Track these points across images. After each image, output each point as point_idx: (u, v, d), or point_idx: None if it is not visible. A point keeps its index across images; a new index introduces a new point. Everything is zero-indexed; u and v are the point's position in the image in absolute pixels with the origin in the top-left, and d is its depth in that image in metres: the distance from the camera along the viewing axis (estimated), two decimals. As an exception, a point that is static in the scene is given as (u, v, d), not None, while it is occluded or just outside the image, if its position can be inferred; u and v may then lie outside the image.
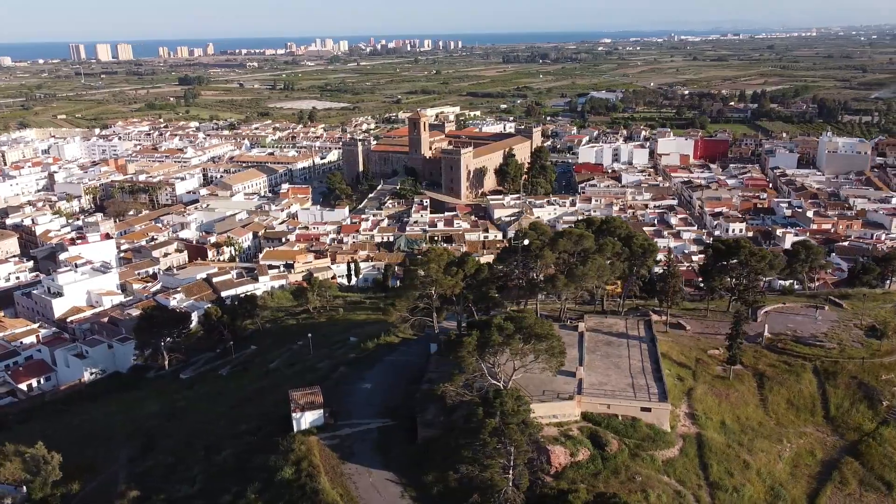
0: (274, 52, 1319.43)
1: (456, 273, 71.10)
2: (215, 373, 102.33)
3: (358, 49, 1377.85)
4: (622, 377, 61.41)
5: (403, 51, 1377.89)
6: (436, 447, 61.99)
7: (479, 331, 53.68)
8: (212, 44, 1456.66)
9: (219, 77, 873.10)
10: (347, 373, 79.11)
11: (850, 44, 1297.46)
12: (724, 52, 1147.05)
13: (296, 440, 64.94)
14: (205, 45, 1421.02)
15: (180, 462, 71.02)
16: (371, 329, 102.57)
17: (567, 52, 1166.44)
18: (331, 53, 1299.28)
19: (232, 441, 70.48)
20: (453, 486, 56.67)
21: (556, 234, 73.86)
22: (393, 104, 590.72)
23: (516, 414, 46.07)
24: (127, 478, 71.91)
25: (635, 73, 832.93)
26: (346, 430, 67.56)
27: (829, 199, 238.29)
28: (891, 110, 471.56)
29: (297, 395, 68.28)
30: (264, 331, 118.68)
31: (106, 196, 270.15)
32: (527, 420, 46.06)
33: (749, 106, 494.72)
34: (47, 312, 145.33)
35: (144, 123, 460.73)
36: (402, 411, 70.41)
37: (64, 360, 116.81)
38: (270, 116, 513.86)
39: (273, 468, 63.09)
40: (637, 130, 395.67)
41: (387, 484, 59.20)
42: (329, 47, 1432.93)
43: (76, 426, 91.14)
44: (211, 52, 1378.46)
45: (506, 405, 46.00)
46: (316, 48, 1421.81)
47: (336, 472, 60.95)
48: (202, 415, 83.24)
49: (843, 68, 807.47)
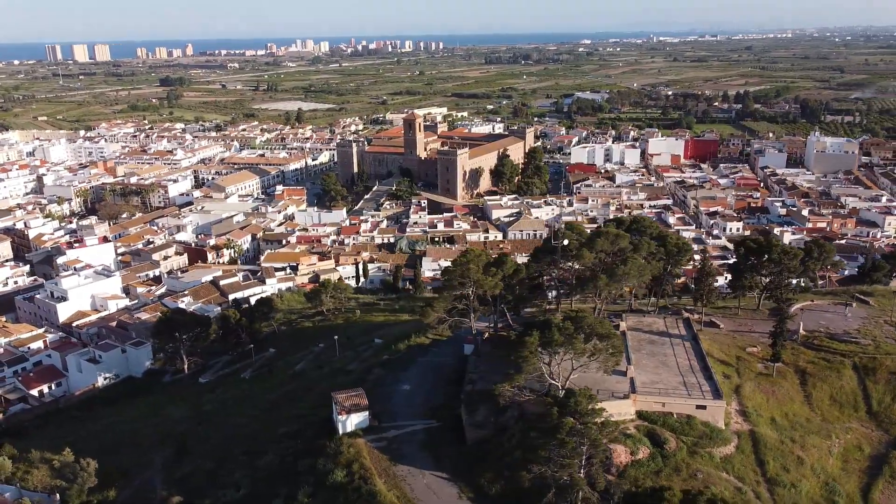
0: (254, 53, 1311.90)
1: (495, 273, 71.15)
2: (237, 376, 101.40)
3: (339, 50, 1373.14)
4: (672, 375, 61.87)
5: (385, 52, 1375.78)
6: (487, 448, 62.03)
7: (538, 331, 53.75)
8: (191, 45, 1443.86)
9: (200, 78, 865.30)
10: (383, 374, 78.81)
11: (825, 44, 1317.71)
12: (703, 53, 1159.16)
13: (343, 443, 64.57)
14: (183, 46, 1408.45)
15: (220, 467, 70.33)
16: (395, 330, 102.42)
17: (548, 53, 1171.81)
18: (312, 54, 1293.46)
19: (273, 445, 69.91)
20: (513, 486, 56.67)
21: (593, 234, 74.17)
22: (379, 105, 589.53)
23: (594, 413, 46.21)
24: (166, 483, 71.10)
25: (617, 73, 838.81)
26: (391, 432, 67.31)
27: (821, 198, 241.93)
28: (871, 110, 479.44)
29: (341, 397, 67.89)
30: (279, 333, 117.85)
31: (97, 199, 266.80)
32: (605, 420, 46.22)
33: (733, 106, 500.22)
34: (51, 317, 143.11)
35: (129, 125, 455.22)
36: (446, 412, 70.33)
37: (76, 365, 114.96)
38: (256, 118, 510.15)
39: (322, 471, 62.66)
40: (625, 131, 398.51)
41: (442, 485, 59.07)
42: (310, 48, 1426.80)
43: (99, 432, 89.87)
44: (190, 52, 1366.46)
45: (580, 405, 46.13)
46: (297, 49, 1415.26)
47: (389, 475, 60.69)
48: (233, 419, 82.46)
49: (820, 69, 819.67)
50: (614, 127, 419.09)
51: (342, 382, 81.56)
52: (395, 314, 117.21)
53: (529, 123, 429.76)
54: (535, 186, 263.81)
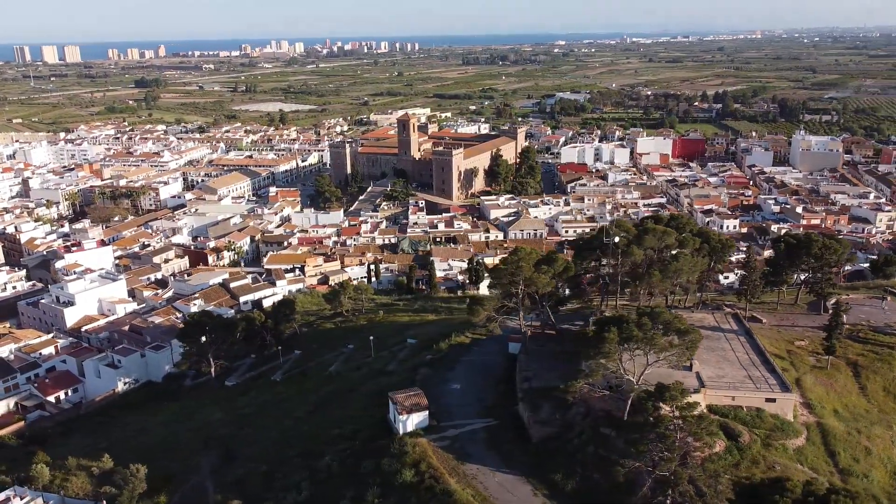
0: (228, 55, 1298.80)
1: (546, 271, 71.36)
2: (267, 379, 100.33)
3: (314, 51, 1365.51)
4: (736, 369, 62.60)
5: (360, 52, 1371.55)
6: (554, 445, 62.14)
7: (615, 327, 54.01)
8: (163, 45, 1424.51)
9: (175, 79, 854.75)
10: (431, 374, 78.55)
11: (794, 45, 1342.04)
12: (677, 53, 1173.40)
13: (407, 443, 64.23)
14: (156, 47, 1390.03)
15: (276, 469, 69.52)
16: (426, 330, 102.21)
17: (525, 54, 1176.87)
18: (287, 55, 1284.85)
19: (329, 446, 69.25)
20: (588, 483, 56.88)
21: (641, 231, 74.69)
22: (361, 106, 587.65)
23: (691, 407, 46.57)
24: (219, 487, 70.11)
25: (595, 74, 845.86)
26: (451, 431, 67.13)
27: (811, 196, 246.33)
28: (846, 109, 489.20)
29: (400, 397, 67.58)
30: (301, 335, 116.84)
31: (85, 202, 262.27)
32: (703, 413, 46.56)
33: (713, 106, 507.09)
34: (58, 322, 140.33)
35: (109, 127, 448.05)
36: (501, 411, 70.39)
37: (94, 370, 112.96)
38: (238, 119, 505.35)
39: (388, 471, 62.30)
40: (611, 131, 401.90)
41: (514, 483, 59.03)
42: (285, 49, 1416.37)
43: (132, 437, 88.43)
44: (163, 53, 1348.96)
45: (676, 398, 46.45)
46: (272, 50, 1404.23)
47: (458, 473, 60.51)
48: (276, 421, 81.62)
49: (793, 69, 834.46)
50: (599, 127, 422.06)
51: (387, 383, 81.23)
52: (418, 314, 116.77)
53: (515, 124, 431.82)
54: (529, 186, 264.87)
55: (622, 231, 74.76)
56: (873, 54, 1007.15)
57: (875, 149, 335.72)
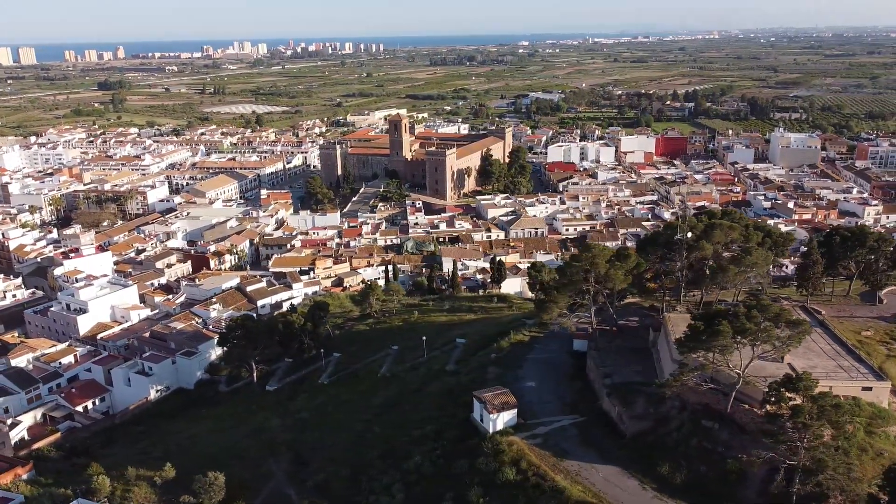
0: (190, 56, 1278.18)
1: (620, 267, 71.92)
2: (311, 382, 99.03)
3: (278, 52, 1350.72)
4: (825, 360, 63.84)
5: (325, 53, 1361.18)
6: (651, 439, 62.65)
7: (726, 321, 54.70)
8: (122, 47, 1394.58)
9: (139, 81, 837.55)
10: (500, 373, 78.42)
11: (751, 45, 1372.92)
12: (640, 53, 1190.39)
13: (501, 441, 64.09)
14: (114, 49, 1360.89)
15: (360, 472, 68.72)
16: (473, 329, 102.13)
17: (490, 54, 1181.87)
18: (251, 57, 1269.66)
19: (415, 447, 68.68)
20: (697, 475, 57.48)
21: (708, 226, 75.71)
22: (335, 107, 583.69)
23: (825, 396, 47.39)
24: (301, 492, 69.12)
25: (563, 74, 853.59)
26: (540, 429, 67.19)
27: (796, 191, 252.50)
28: (813, 107, 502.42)
29: (488, 396, 67.41)
30: (334, 337, 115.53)
31: (69, 207, 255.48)
32: (838, 402, 47.45)
33: (685, 105, 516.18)
34: (71, 330, 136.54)
35: (79, 130, 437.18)
36: (585, 406, 70.74)
37: (123, 378, 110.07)
38: (211, 121, 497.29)
39: (486, 470, 62.09)
40: (590, 130, 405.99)
41: (619, 478, 59.33)
42: (248, 50, 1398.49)
43: (185, 446, 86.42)
44: (122, 55, 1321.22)
45: (810, 388, 47.24)
46: (235, 51, 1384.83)
47: (561, 470, 60.60)
48: (342, 425, 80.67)
49: (754, 68, 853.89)
50: (578, 126, 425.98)
51: (455, 383, 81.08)
52: (453, 314, 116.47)
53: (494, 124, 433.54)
54: (521, 185, 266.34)
55: (691, 227, 75.66)
56: (828, 54, 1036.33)
57: (848, 145, 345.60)
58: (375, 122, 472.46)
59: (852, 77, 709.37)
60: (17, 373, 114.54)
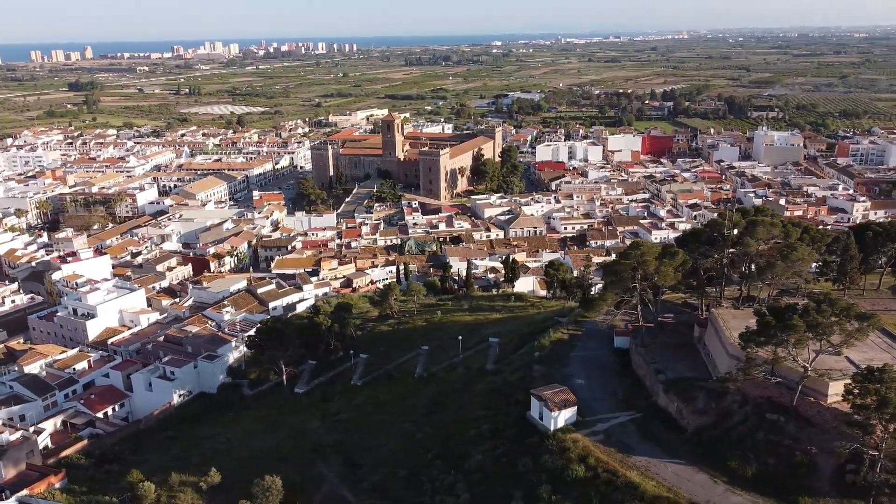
0: (161, 56, 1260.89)
1: (668, 264, 72.75)
2: (343, 384, 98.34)
3: (251, 52, 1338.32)
4: (879, 352, 65.01)
5: (298, 54, 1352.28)
6: (714, 433, 63.32)
7: (798, 315, 55.64)
8: (89, 47, 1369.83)
9: (111, 82, 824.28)
10: (547, 371, 78.58)
11: (721, 45, 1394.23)
12: (613, 53, 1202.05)
13: (566, 439, 64.38)
14: (82, 49, 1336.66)
15: (418, 473, 68.43)
16: (503, 329, 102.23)
17: (465, 54, 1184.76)
18: (223, 57, 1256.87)
19: (474, 447, 68.63)
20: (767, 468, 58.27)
21: (749, 222, 76.91)
22: (314, 107, 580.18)
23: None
24: (358, 494, 68.67)
25: (539, 74, 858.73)
26: (600, 426, 67.60)
27: (783, 188, 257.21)
28: (788, 106, 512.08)
29: (548, 394, 67.67)
30: (357, 338, 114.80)
31: (57, 210, 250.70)
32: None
33: (664, 104, 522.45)
34: (79, 336, 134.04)
35: (56, 132, 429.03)
36: (639, 402, 71.32)
37: (144, 383, 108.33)
38: (191, 122, 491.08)
39: (552, 468, 62.24)
40: (574, 129, 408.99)
41: (689, 473, 59.83)
42: (219, 50, 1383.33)
43: (223, 450, 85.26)
44: (90, 55, 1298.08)
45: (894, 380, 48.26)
46: (206, 51, 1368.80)
47: (630, 466, 61.03)
48: (387, 426, 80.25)
49: (726, 68, 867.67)
50: (561, 125, 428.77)
51: (501, 382, 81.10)
52: (476, 314, 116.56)
53: (478, 124, 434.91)
54: (514, 185, 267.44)
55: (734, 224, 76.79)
56: (797, 54, 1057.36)
57: (827, 143, 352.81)
58: (358, 122, 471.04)
59: (822, 76, 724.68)
60: (32, 380, 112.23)
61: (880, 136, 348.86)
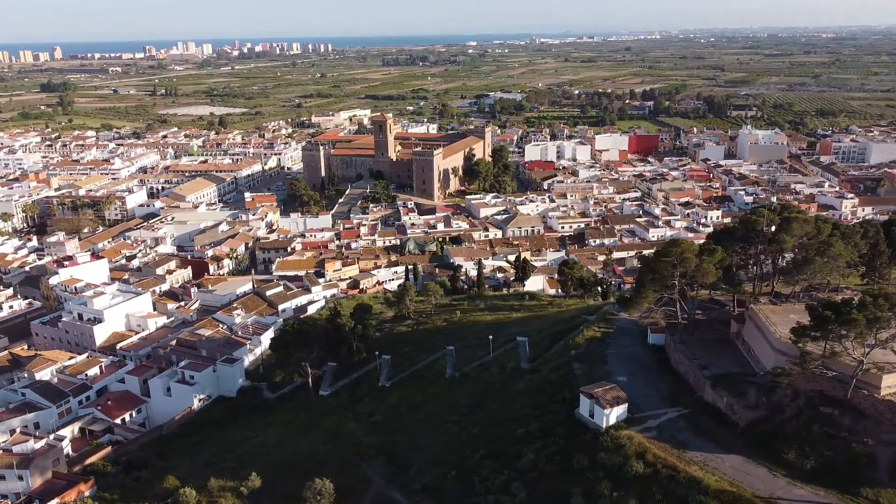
0: (132, 57, 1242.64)
1: (709, 262, 73.52)
2: (370, 385, 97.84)
3: (224, 52, 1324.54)
4: (922, 345, 66.75)
5: (273, 54, 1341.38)
6: (767, 427, 64.10)
7: (855, 310, 56.62)
8: (58, 47, 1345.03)
9: (83, 83, 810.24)
10: (588, 369, 78.94)
11: (693, 45, 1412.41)
12: (588, 53, 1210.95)
13: (621, 436, 64.68)
14: (51, 49, 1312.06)
15: (470, 473, 68.28)
16: (530, 328, 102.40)
17: (441, 54, 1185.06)
18: (196, 57, 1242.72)
19: (525, 446, 68.63)
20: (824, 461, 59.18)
21: (784, 219, 78.03)
22: (294, 108, 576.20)
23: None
24: (409, 496, 68.24)
25: (517, 74, 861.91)
26: (650, 422, 68.01)
27: (770, 186, 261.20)
28: (766, 105, 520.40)
29: (599, 391, 67.98)
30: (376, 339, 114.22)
31: (44, 213, 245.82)
32: None
33: (644, 104, 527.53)
34: (86, 341, 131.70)
35: (33, 134, 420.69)
36: (683, 398, 71.96)
37: (162, 388, 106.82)
38: (170, 123, 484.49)
39: (611, 465, 62.46)
40: (559, 129, 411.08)
41: (746, 467, 60.41)
42: (192, 51, 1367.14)
43: (257, 454, 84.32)
44: (59, 56, 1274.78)
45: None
46: (179, 52, 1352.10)
47: (687, 461, 61.51)
48: (428, 426, 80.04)
49: (701, 67, 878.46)
50: (547, 126, 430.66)
51: (541, 380, 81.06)
52: (496, 313, 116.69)
53: (462, 124, 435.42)
54: (506, 184, 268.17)
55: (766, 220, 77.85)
56: (768, 53, 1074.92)
57: (809, 142, 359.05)
58: (342, 122, 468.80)
59: (795, 76, 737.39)
60: (44, 387, 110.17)
61: (859, 134, 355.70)
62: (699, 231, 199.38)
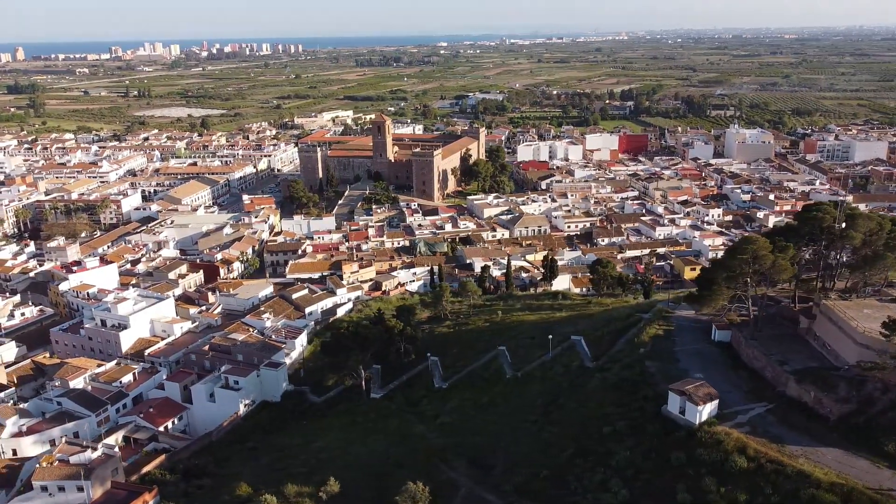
0: (98, 57, 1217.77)
1: (784, 258, 74.69)
2: (427, 387, 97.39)
3: (193, 53, 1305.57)
4: None
5: (242, 55, 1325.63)
6: (860, 420, 65.27)
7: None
8: (21, 48, 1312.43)
9: (52, 84, 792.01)
10: (662, 366, 79.41)
11: (661, 46, 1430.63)
12: (560, 54, 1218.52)
13: (718, 432, 65.28)
14: (13, 50, 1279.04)
15: (562, 472, 68.36)
16: (580, 327, 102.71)
17: (413, 55, 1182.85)
18: (165, 58, 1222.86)
19: (616, 444, 68.92)
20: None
21: (849, 216, 79.59)
22: (273, 109, 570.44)
23: None
24: (502, 497, 68.07)
25: (493, 74, 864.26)
26: (740, 417, 68.73)
27: (763, 184, 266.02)
28: (742, 105, 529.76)
29: (690, 388, 68.49)
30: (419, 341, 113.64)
31: (36, 218, 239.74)
32: None
33: (625, 104, 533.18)
34: (111, 347, 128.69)
35: (7, 137, 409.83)
36: (766, 393, 72.85)
37: (205, 394, 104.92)
38: (149, 126, 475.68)
39: (711, 461, 63.00)
40: (546, 129, 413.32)
41: (848, 459, 61.32)
42: (160, 52, 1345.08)
43: (326, 459, 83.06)
44: (21, 57, 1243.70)
45: None
46: (146, 52, 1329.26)
47: (790, 455, 62.27)
48: (504, 427, 79.89)
49: (672, 68, 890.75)
50: (531, 125, 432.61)
51: (615, 379, 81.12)
52: (537, 313, 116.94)
53: (447, 124, 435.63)
54: (504, 184, 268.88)
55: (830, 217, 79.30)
56: (736, 54, 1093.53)
57: (791, 140, 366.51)
58: (325, 123, 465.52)
59: (766, 76, 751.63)
60: (81, 395, 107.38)
61: (838, 133, 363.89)
62: (705, 229, 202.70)
